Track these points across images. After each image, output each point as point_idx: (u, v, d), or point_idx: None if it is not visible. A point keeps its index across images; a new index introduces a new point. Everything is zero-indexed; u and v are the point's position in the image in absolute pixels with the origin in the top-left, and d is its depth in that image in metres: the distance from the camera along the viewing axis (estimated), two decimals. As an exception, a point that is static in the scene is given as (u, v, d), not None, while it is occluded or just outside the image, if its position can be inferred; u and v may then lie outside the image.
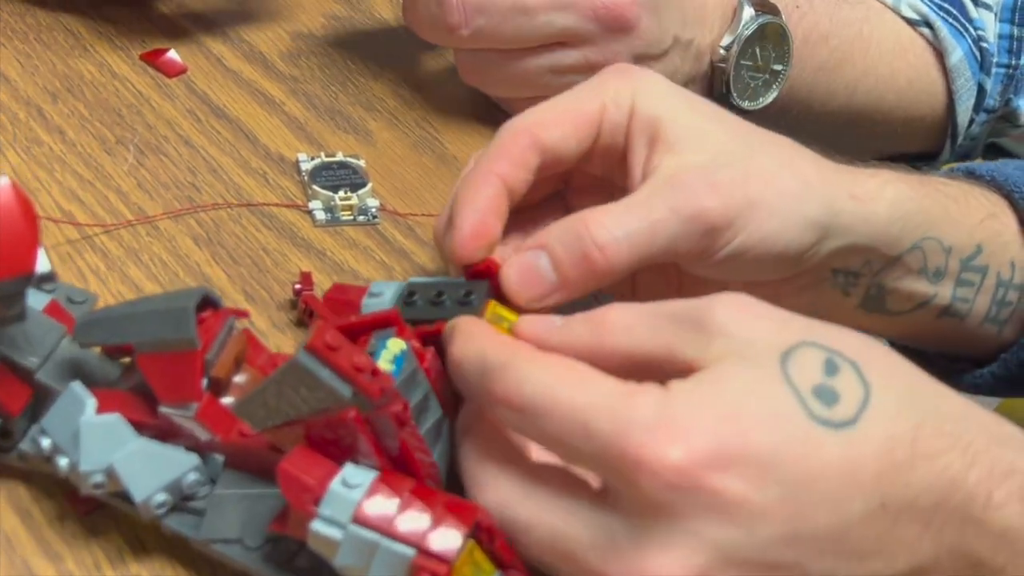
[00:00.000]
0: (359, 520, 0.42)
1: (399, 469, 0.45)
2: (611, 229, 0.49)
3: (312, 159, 0.67)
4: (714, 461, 0.39)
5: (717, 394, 0.41)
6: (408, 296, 0.50)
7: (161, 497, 0.45)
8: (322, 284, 0.60)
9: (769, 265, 0.54)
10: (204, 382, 0.46)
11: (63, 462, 0.46)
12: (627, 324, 0.44)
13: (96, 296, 0.52)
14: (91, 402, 0.46)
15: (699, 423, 0.40)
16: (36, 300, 0.50)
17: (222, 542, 0.46)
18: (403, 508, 0.43)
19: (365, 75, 0.74)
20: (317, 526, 0.43)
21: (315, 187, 0.65)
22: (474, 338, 0.46)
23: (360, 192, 0.65)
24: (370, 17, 0.79)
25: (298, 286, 0.58)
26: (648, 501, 0.40)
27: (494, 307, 0.49)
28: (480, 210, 0.51)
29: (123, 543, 0.47)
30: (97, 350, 0.49)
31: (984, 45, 0.81)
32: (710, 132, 0.54)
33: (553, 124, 0.53)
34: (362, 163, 0.67)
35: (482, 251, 0.50)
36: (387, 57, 0.76)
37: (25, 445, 0.47)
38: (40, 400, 0.47)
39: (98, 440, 0.45)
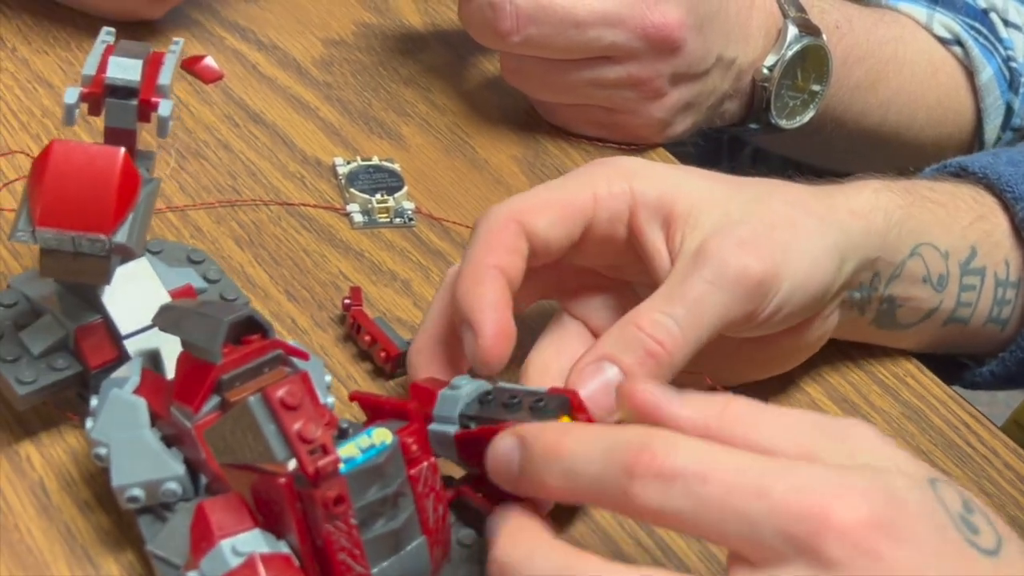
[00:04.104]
0: None
1: (319, 562, 0.42)
2: (662, 321, 0.49)
3: (348, 163, 0.68)
4: (891, 530, 0.38)
5: (882, 481, 0.40)
6: (485, 395, 0.48)
7: (135, 492, 0.45)
8: (360, 283, 0.61)
9: (807, 305, 0.54)
10: (214, 399, 0.46)
11: (89, 424, 0.47)
12: (754, 418, 0.42)
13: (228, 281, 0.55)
14: (134, 379, 0.47)
15: (875, 490, 0.39)
16: (173, 277, 0.52)
17: (163, 562, 0.44)
18: None
19: (396, 81, 0.76)
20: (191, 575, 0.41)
21: (352, 190, 0.67)
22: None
23: (396, 195, 0.67)
24: (399, 24, 0.80)
25: (347, 300, 0.59)
26: (825, 561, 0.38)
27: (567, 421, 0.46)
28: (494, 307, 0.49)
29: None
30: None
31: (1013, 65, 0.81)
32: (716, 191, 0.54)
33: (538, 211, 0.52)
34: (397, 167, 0.69)
35: (509, 350, 0.49)
36: (417, 63, 0.78)
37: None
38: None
39: (117, 415, 0.46)
